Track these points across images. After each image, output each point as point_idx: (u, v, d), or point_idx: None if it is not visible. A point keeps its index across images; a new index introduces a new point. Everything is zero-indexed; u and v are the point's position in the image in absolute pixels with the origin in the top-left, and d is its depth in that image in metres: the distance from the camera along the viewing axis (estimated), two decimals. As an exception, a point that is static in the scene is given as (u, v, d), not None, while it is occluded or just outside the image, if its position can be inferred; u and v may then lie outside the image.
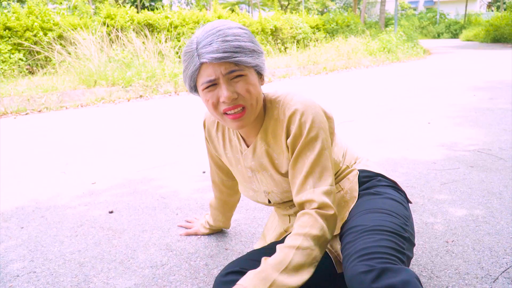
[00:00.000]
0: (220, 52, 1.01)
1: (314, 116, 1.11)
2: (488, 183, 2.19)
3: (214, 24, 1.06)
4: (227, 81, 1.05)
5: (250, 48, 1.05)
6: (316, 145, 1.11)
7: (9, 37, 7.53)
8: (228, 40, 1.02)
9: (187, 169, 2.73)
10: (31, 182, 2.59)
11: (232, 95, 1.06)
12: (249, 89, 1.07)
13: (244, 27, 1.10)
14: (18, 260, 1.64)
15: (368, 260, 0.95)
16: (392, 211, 1.15)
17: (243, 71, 1.05)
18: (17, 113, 5.14)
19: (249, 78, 1.07)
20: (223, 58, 1.01)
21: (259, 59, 1.09)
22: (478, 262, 1.45)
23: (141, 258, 1.61)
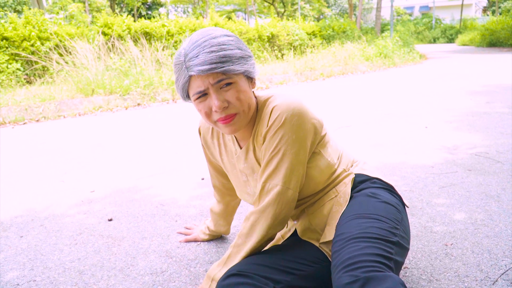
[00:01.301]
0: (207, 64, 1.03)
1: (291, 113, 1.12)
2: (486, 186, 2.20)
3: (200, 34, 1.08)
4: (217, 90, 1.08)
5: (236, 55, 1.06)
6: (280, 141, 1.12)
7: (6, 47, 7.55)
8: (213, 51, 1.03)
9: (185, 176, 2.73)
10: (30, 191, 2.59)
11: (223, 104, 1.09)
12: (239, 96, 1.10)
13: (231, 33, 1.11)
14: (18, 268, 1.63)
15: (353, 270, 0.95)
16: (382, 215, 1.15)
17: (231, 79, 1.07)
18: (15, 123, 5.14)
19: (238, 85, 1.09)
20: (210, 70, 1.03)
21: (247, 64, 1.10)
22: (477, 264, 1.46)
23: (141, 265, 1.61)
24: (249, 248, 1.16)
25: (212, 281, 1.17)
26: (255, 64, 1.16)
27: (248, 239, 1.17)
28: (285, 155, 1.13)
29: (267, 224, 1.15)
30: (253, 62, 1.14)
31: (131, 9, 25.67)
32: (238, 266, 1.12)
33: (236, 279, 1.07)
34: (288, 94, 1.18)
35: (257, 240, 1.16)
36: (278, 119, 1.12)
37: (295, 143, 1.13)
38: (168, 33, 9.59)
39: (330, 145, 1.27)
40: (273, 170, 1.14)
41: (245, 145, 1.26)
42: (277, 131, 1.13)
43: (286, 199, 1.14)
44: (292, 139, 1.12)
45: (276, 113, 1.12)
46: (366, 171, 1.31)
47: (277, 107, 1.13)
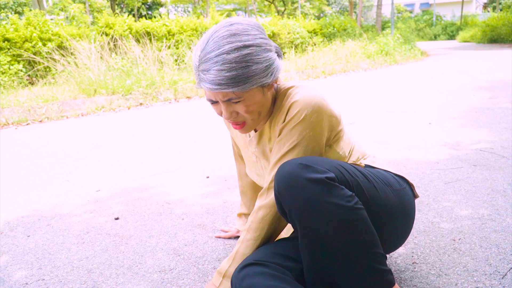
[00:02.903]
0: (216, 84, 1.01)
1: (311, 109, 1.10)
2: (492, 181, 2.19)
3: (215, 42, 1.01)
4: (226, 103, 1.09)
5: (248, 74, 1.01)
6: (297, 137, 1.12)
7: (8, 49, 7.56)
8: (223, 70, 0.99)
9: (190, 174, 2.73)
10: (35, 191, 2.60)
11: (231, 115, 1.11)
12: (248, 109, 1.09)
13: (252, 39, 1.03)
14: (26, 268, 1.64)
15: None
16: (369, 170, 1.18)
17: (240, 97, 1.06)
18: (18, 124, 5.15)
19: (248, 100, 1.08)
20: (218, 89, 1.02)
21: (262, 78, 1.05)
22: (486, 259, 1.46)
23: (149, 263, 1.61)
24: (258, 243, 1.16)
25: (223, 278, 1.17)
26: (274, 68, 1.09)
27: (257, 234, 1.16)
28: (300, 151, 1.12)
29: (276, 219, 1.15)
30: (273, 69, 1.07)
31: (131, 9, 25.68)
32: (254, 255, 1.13)
33: (253, 269, 1.07)
34: (310, 87, 1.16)
35: (267, 235, 1.16)
36: (298, 115, 1.11)
37: (311, 140, 1.12)
38: (169, 33, 9.59)
39: (343, 139, 1.26)
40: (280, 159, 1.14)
41: (260, 130, 1.25)
42: (295, 126, 1.11)
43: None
44: (309, 136, 1.12)
45: (296, 108, 1.11)
46: (375, 163, 1.29)
47: (297, 103, 1.11)
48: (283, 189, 1.00)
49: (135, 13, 25.07)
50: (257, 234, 1.16)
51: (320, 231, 0.98)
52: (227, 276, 1.16)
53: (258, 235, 1.16)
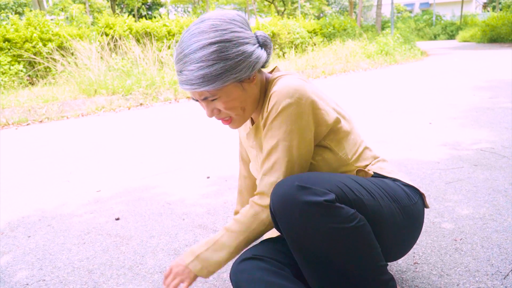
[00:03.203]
0: (188, 84, 1.01)
1: (289, 101, 1.02)
2: (493, 181, 2.19)
3: (183, 43, 1.01)
4: (205, 102, 1.07)
5: (216, 72, 0.98)
6: (278, 132, 1.04)
7: (9, 49, 7.56)
8: (192, 70, 0.98)
9: (191, 175, 2.73)
10: (36, 192, 2.59)
11: (213, 113, 1.09)
12: (228, 105, 1.06)
13: (217, 36, 0.99)
14: (26, 268, 1.64)
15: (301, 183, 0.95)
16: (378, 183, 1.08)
17: (215, 95, 1.04)
18: (18, 124, 5.15)
19: (225, 97, 1.04)
20: (192, 89, 1.01)
21: (234, 74, 1.01)
22: (488, 259, 1.45)
23: (150, 263, 1.61)
24: (242, 238, 1.09)
25: (195, 258, 1.09)
26: (256, 58, 1.04)
27: (246, 229, 1.09)
28: (284, 148, 1.04)
29: (267, 223, 1.09)
30: (251, 61, 1.02)
31: (131, 10, 25.69)
32: (253, 250, 1.12)
33: (253, 263, 1.07)
34: (293, 76, 1.09)
35: (256, 233, 1.10)
36: (275, 107, 1.03)
37: (294, 135, 1.03)
38: (169, 33, 9.59)
39: (348, 140, 1.15)
40: (272, 165, 1.06)
41: (256, 123, 1.20)
42: (273, 121, 1.04)
43: None
44: (290, 130, 1.03)
45: (273, 100, 1.04)
46: (385, 171, 1.19)
47: (275, 94, 1.04)
48: (279, 212, 0.96)
49: (135, 13, 25.07)
50: (244, 229, 1.08)
51: (321, 253, 0.96)
52: (200, 259, 1.09)
53: (244, 230, 1.08)
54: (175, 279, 1.11)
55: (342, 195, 0.96)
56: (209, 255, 1.09)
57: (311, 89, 1.07)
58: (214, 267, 1.10)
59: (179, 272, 1.11)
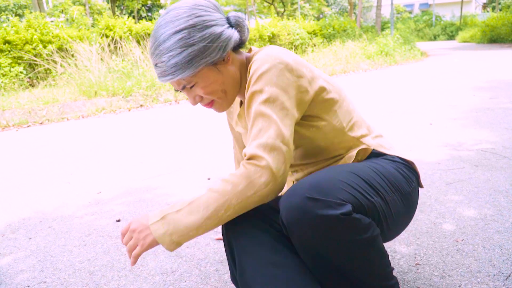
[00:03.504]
0: (164, 75, 1.01)
1: (268, 65, 1.00)
2: (494, 182, 2.19)
3: (153, 36, 1.02)
4: (186, 91, 1.07)
5: (185, 59, 0.98)
6: (261, 96, 0.99)
7: (9, 51, 7.57)
8: (164, 61, 0.99)
9: (191, 176, 2.73)
10: (37, 193, 2.59)
11: (195, 100, 1.09)
12: (207, 90, 1.06)
13: (183, 22, 0.98)
14: (28, 270, 1.63)
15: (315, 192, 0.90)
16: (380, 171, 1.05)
17: (192, 82, 1.04)
18: (19, 126, 5.15)
19: (202, 82, 1.04)
20: (168, 80, 1.02)
21: (206, 57, 1.00)
22: (489, 260, 1.45)
23: (151, 265, 1.61)
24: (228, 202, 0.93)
25: (161, 219, 0.95)
26: (226, 39, 1.02)
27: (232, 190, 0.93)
28: (269, 110, 0.98)
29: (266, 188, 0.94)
30: (220, 43, 1.00)
31: (131, 11, 25.71)
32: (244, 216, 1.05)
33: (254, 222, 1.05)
34: (272, 47, 1.07)
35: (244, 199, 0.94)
36: (255, 74, 1.01)
37: (277, 96, 0.98)
38: (169, 34, 9.58)
39: (340, 108, 1.12)
40: (260, 129, 0.97)
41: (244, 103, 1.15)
42: (254, 85, 1.00)
43: (282, 156, 0.96)
44: (272, 92, 0.99)
45: (253, 68, 1.02)
46: (384, 148, 1.17)
47: (255, 63, 1.02)
48: (292, 225, 0.92)
49: (135, 15, 25.10)
50: (229, 189, 0.93)
51: (335, 263, 0.94)
52: (166, 221, 0.94)
53: (229, 191, 0.93)
54: (131, 237, 0.98)
55: (356, 202, 0.92)
56: (179, 217, 0.93)
57: (292, 57, 1.05)
58: (180, 234, 0.93)
59: (137, 230, 0.97)
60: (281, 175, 0.95)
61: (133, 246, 0.97)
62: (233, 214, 0.95)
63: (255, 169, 0.93)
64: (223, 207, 0.93)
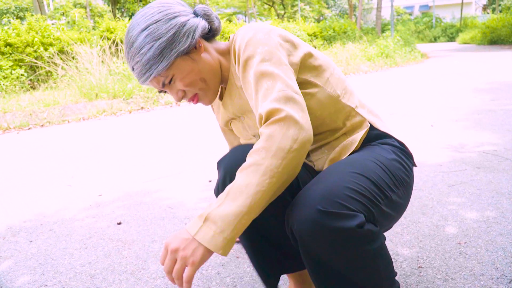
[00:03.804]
0: (141, 77, 1.02)
1: (253, 32, 1.00)
2: (496, 184, 2.18)
3: (125, 38, 1.03)
4: (168, 87, 1.06)
5: (157, 53, 0.99)
6: (254, 59, 0.97)
7: (10, 53, 7.58)
8: (138, 61, 1.00)
9: (192, 178, 2.72)
10: (37, 196, 2.59)
11: (179, 96, 1.07)
12: (186, 82, 1.04)
13: (148, 18, 1.00)
14: (28, 273, 1.63)
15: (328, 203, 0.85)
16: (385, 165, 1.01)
17: (169, 76, 1.03)
18: (20, 128, 5.15)
19: (179, 74, 1.03)
20: (147, 80, 1.02)
21: (175, 45, 1.00)
22: (492, 263, 1.44)
23: (152, 268, 1.60)
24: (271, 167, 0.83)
25: (204, 222, 0.84)
26: (192, 27, 1.02)
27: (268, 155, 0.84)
28: (269, 69, 0.94)
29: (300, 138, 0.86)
30: (185, 30, 1.01)
31: (132, 14, 25.74)
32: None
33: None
34: (252, 23, 1.11)
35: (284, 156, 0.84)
36: (242, 45, 1.00)
37: (272, 53, 0.97)
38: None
39: (331, 75, 1.10)
40: (266, 88, 0.92)
41: (227, 88, 1.15)
42: (244, 53, 0.99)
43: (298, 104, 0.90)
44: (265, 52, 0.97)
45: (238, 43, 1.02)
46: (378, 124, 1.16)
47: (237, 38, 1.04)
48: (306, 237, 0.88)
49: (135, 17, 25.14)
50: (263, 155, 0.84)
51: (341, 271, 0.92)
52: (212, 220, 0.83)
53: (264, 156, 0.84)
54: (175, 260, 0.84)
55: (367, 211, 0.90)
56: (224, 209, 0.82)
57: (273, 26, 1.06)
58: (232, 227, 0.82)
59: (180, 249, 0.83)
60: (306, 122, 0.88)
61: (181, 269, 0.83)
62: (280, 179, 0.84)
63: (279, 124, 0.85)
64: (266, 174, 0.83)
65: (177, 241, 0.84)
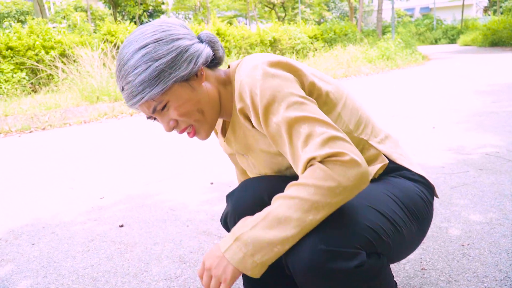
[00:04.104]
0: (131, 99, 0.91)
1: (260, 76, 0.90)
2: (499, 185, 2.17)
3: (118, 56, 0.94)
4: (158, 114, 0.96)
5: (154, 75, 0.89)
6: (275, 107, 0.88)
7: (12, 57, 7.60)
8: (130, 81, 0.90)
9: (194, 181, 2.72)
10: (39, 199, 2.59)
11: (170, 126, 0.97)
12: (181, 111, 0.94)
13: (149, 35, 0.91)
14: (31, 276, 1.63)
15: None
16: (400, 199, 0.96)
17: (163, 101, 0.93)
18: (21, 131, 5.16)
19: (174, 101, 0.93)
20: (137, 103, 0.92)
21: (174, 73, 0.91)
22: (496, 264, 1.44)
23: (155, 271, 1.60)
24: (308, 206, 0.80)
25: (234, 242, 0.83)
26: (193, 53, 0.93)
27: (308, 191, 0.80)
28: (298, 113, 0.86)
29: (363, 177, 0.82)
30: (187, 56, 0.92)
31: (133, 17, 25.82)
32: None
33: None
34: (252, 56, 0.97)
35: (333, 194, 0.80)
36: (256, 92, 0.90)
37: (291, 95, 0.88)
38: (171, 40, 9.62)
39: (346, 108, 1.01)
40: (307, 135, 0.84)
41: (231, 124, 1.07)
42: (262, 100, 0.89)
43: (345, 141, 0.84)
44: (286, 94, 0.88)
45: (247, 88, 0.91)
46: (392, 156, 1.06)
47: (243, 82, 0.93)
48: (302, 279, 0.84)
49: (136, 20, 25.20)
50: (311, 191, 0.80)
51: None
52: (243, 242, 0.82)
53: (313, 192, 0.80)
54: (211, 277, 0.85)
55: (372, 247, 0.86)
56: (257, 234, 0.81)
57: (272, 55, 0.98)
58: (264, 253, 0.80)
59: (213, 267, 0.85)
60: (362, 160, 0.83)
61: (217, 286, 0.85)
62: (325, 216, 0.82)
63: (334, 164, 0.81)
64: (310, 212, 0.80)
65: (211, 259, 0.86)
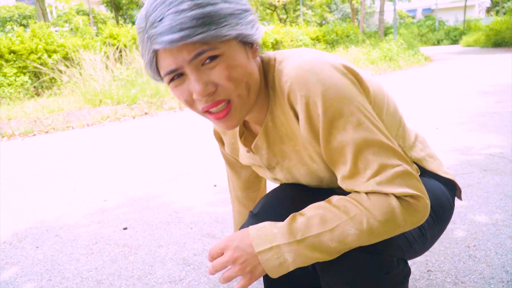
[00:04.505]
0: (176, 31, 0.69)
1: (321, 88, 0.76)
2: (504, 186, 2.16)
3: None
4: (196, 68, 0.73)
5: (222, 12, 0.71)
6: (344, 123, 0.76)
7: (14, 61, 7.63)
8: (184, 9, 0.69)
9: (197, 183, 2.72)
10: (43, 202, 2.59)
11: (207, 89, 0.74)
12: (231, 74, 0.74)
13: None
14: (35, 279, 1.62)
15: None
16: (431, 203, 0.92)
17: (217, 50, 0.72)
18: (24, 135, 5.17)
19: (229, 58, 0.74)
20: (182, 40, 0.69)
21: (241, 24, 0.73)
22: (502, 266, 1.43)
23: (159, 273, 1.59)
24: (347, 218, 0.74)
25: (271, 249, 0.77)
26: (255, 21, 0.78)
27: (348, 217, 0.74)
28: (372, 136, 0.76)
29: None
30: (252, 19, 0.77)
31: (134, 21, 25.90)
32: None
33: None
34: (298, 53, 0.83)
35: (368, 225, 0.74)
36: (318, 101, 0.76)
37: (361, 112, 0.76)
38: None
39: (388, 113, 0.92)
40: (380, 166, 0.75)
41: (263, 126, 0.89)
42: (330, 117, 0.76)
43: (415, 177, 0.77)
44: (355, 110, 0.76)
45: (301, 100, 0.77)
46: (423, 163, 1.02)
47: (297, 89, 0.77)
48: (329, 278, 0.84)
49: (138, 23, 25.27)
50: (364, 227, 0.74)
51: None
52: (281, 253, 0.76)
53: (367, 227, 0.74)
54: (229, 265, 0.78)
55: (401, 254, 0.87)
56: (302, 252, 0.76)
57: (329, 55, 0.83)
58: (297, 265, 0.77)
59: (239, 261, 0.77)
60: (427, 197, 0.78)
61: (235, 276, 0.79)
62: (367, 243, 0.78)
63: (408, 206, 0.75)
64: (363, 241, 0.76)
65: (239, 252, 0.78)
